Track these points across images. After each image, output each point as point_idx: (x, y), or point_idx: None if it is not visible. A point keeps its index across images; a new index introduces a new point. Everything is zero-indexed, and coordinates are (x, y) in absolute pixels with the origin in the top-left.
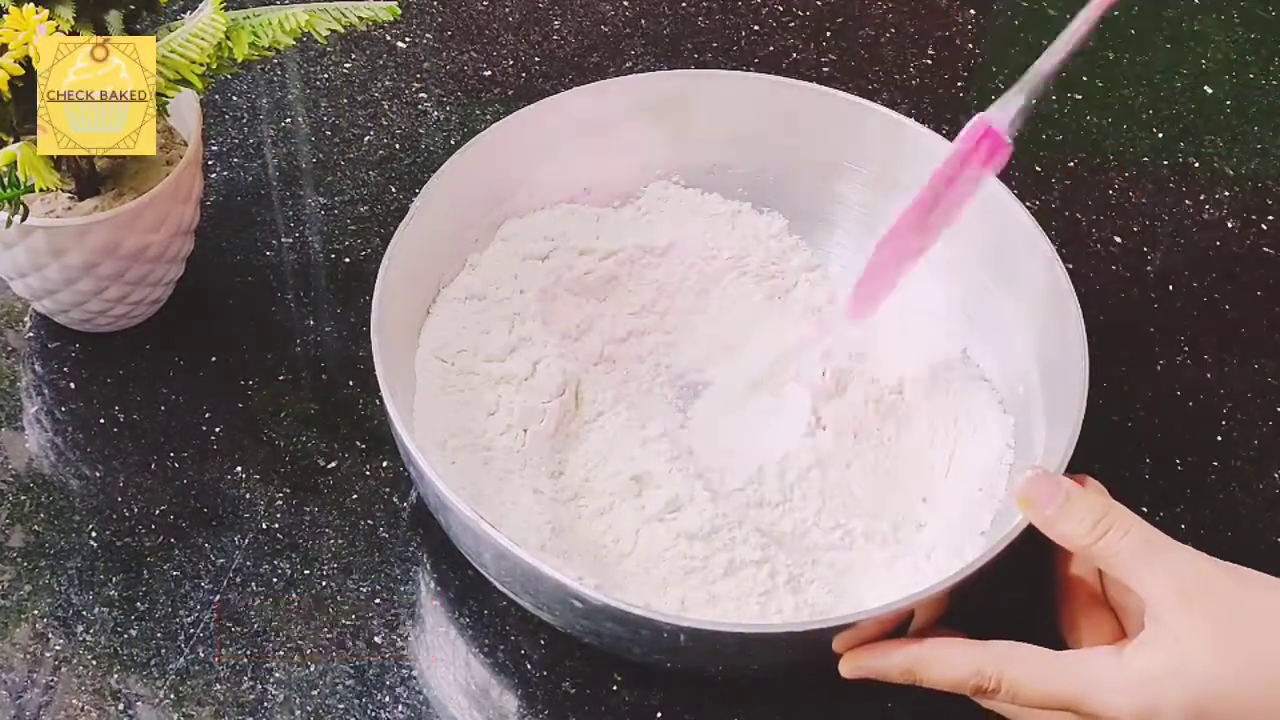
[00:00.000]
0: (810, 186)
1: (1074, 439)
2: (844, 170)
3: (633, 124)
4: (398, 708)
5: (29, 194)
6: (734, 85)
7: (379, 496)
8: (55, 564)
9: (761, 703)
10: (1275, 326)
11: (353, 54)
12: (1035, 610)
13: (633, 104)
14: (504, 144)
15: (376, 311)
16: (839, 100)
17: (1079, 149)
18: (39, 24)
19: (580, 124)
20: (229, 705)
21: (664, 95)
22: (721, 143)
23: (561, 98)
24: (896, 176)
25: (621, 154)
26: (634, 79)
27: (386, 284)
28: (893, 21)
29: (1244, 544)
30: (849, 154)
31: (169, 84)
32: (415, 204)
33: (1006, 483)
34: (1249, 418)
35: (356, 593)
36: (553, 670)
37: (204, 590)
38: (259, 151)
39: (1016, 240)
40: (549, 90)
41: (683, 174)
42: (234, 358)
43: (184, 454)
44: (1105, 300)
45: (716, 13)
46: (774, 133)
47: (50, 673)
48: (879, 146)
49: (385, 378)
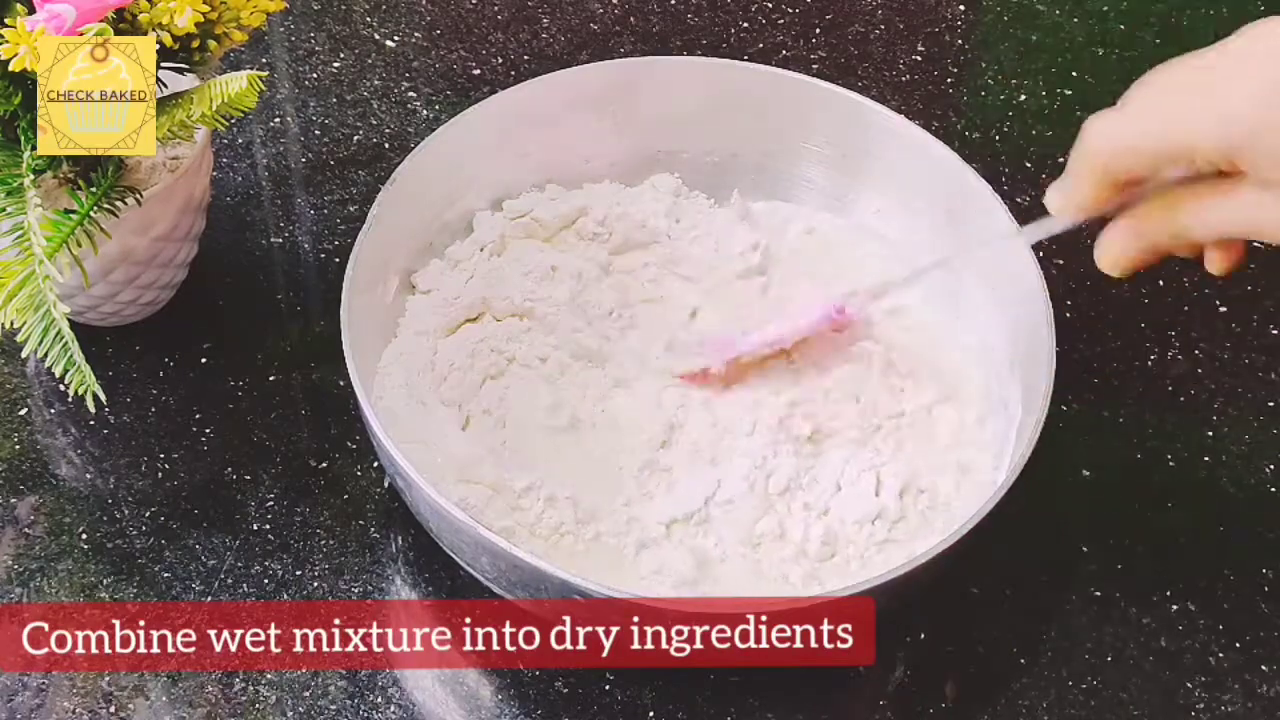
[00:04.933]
0: (765, 167)
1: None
2: (800, 150)
3: (581, 115)
4: (389, 708)
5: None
6: (680, 70)
7: (370, 497)
8: (46, 565)
9: (756, 701)
10: (1266, 321)
11: (341, 53)
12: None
13: (580, 96)
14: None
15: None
16: (789, 80)
17: (1069, 144)
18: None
19: (531, 118)
20: (220, 707)
21: (611, 85)
22: (671, 127)
23: (508, 94)
24: (852, 154)
25: (573, 145)
26: (579, 70)
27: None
28: (882, 18)
29: (1236, 540)
30: (802, 134)
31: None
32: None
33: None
34: (1240, 412)
35: (348, 593)
36: (545, 669)
37: (195, 591)
38: (248, 151)
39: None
40: None
41: (635, 160)
42: (224, 358)
43: (174, 455)
44: (1096, 295)
45: (705, 9)
46: (724, 115)
47: (42, 675)
48: (834, 125)
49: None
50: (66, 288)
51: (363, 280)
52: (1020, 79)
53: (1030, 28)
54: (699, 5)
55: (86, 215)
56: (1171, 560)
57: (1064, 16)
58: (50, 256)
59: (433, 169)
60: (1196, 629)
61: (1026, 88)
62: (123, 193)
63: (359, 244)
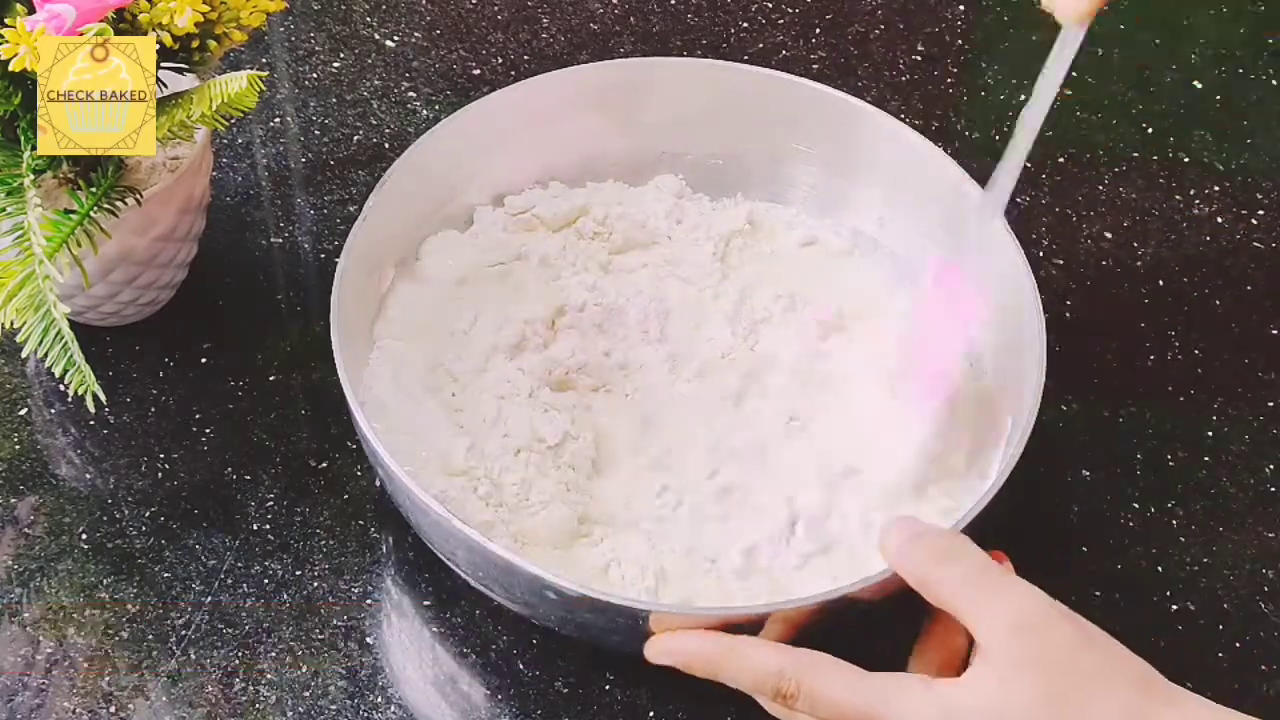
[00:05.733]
0: (761, 170)
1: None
2: (794, 153)
3: (585, 114)
4: (390, 708)
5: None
6: (679, 71)
7: (370, 497)
8: (46, 566)
9: (755, 701)
10: (1265, 320)
11: (341, 53)
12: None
13: (583, 94)
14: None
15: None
16: (785, 82)
17: (1069, 144)
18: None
19: (528, 116)
20: (221, 707)
21: (610, 85)
22: (676, 129)
23: (505, 93)
24: (847, 157)
25: (576, 143)
26: (579, 70)
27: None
28: (882, 18)
29: (1235, 539)
30: (798, 136)
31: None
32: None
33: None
34: (1239, 412)
35: (348, 594)
36: (545, 670)
37: (195, 592)
38: (248, 151)
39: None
40: None
41: (639, 160)
42: (224, 358)
43: (174, 455)
44: (1095, 295)
45: (705, 10)
46: (722, 118)
47: (42, 675)
48: (829, 128)
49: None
50: (66, 288)
51: (356, 273)
52: (1020, 79)
53: (1030, 28)
54: (699, 5)
55: (86, 215)
56: (1171, 560)
57: None
58: (50, 256)
59: (430, 164)
60: (1196, 629)
61: (1026, 88)
62: (123, 193)
63: (352, 235)
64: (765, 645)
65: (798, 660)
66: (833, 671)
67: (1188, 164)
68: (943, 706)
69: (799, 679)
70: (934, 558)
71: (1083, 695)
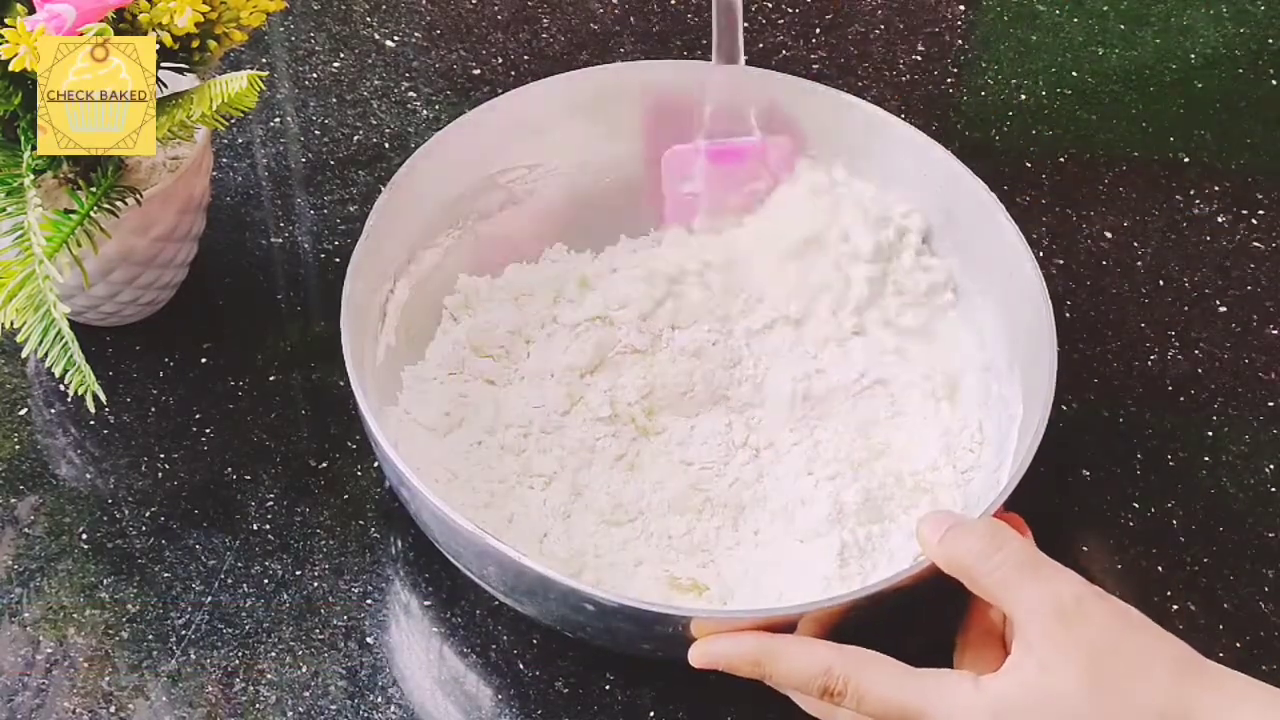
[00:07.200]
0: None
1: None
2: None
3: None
4: (390, 708)
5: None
6: (673, 74)
7: (370, 497)
8: (46, 565)
9: (755, 700)
10: (1265, 321)
11: (341, 53)
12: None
13: (574, 100)
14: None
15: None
16: (777, 80)
17: (1069, 144)
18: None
19: (529, 121)
20: (221, 707)
21: (605, 89)
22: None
23: (505, 99)
24: (841, 153)
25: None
26: (572, 76)
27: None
28: (882, 18)
29: (1235, 539)
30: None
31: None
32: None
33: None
34: (1239, 412)
35: (348, 593)
36: (545, 670)
37: (195, 592)
38: (248, 151)
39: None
40: None
41: (634, 166)
42: (224, 358)
43: (174, 455)
44: (1096, 295)
45: (705, 9)
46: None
47: (42, 675)
48: (825, 125)
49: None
50: (66, 288)
51: (364, 281)
52: (1020, 79)
53: (1030, 28)
54: (699, 5)
55: (86, 215)
56: (1171, 560)
57: (1064, 16)
58: (50, 256)
59: (436, 169)
60: (1197, 629)
61: (1026, 88)
62: (123, 193)
63: (361, 243)
64: (812, 643)
65: (845, 657)
66: (881, 668)
67: (1188, 164)
68: (992, 706)
69: (847, 675)
70: (974, 548)
71: (1125, 680)
